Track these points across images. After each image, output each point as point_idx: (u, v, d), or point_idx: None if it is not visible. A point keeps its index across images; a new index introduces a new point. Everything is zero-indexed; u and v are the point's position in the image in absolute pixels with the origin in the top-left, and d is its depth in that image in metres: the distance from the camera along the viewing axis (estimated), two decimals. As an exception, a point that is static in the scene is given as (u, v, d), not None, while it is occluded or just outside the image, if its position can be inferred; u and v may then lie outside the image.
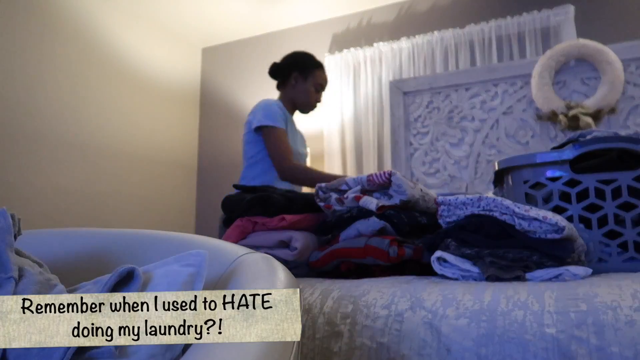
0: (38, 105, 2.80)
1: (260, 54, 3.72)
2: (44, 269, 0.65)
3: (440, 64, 3.04)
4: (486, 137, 2.17)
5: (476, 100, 2.21)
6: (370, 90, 3.26)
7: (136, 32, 3.47)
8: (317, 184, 1.24)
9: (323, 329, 0.78)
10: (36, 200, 2.74)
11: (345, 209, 1.17)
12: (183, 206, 3.73)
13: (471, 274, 0.90)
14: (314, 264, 1.14)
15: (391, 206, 1.12)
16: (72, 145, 2.97)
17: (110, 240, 0.82)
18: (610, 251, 1.07)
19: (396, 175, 1.11)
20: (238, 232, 1.19)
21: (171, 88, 3.72)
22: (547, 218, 0.89)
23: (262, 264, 0.68)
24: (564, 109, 1.99)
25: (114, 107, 3.26)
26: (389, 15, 3.36)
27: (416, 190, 1.14)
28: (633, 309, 0.64)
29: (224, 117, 3.81)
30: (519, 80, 2.14)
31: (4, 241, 0.61)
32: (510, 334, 0.67)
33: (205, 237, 0.81)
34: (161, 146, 3.59)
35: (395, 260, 1.03)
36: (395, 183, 1.11)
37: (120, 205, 3.23)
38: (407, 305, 0.76)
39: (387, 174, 1.12)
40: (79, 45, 3.06)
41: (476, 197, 0.98)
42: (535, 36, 2.83)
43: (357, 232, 1.12)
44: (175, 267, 0.60)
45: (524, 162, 1.17)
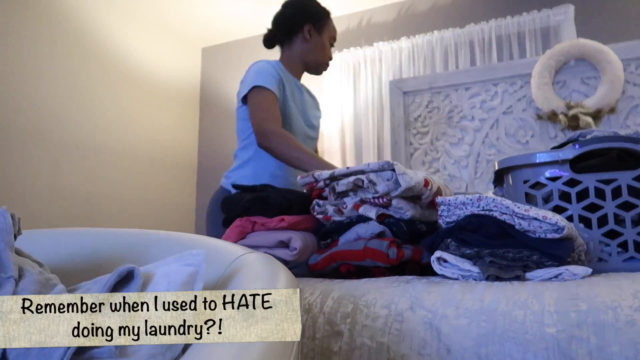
0: (38, 105, 2.80)
1: (260, 54, 3.71)
2: (44, 269, 0.65)
3: (440, 64, 3.04)
4: (486, 136, 2.17)
5: (476, 100, 2.21)
6: (370, 90, 3.26)
7: (136, 32, 3.47)
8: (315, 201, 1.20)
9: (323, 328, 0.78)
10: (36, 200, 2.74)
11: (345, 217, 1.17)
12: (183, 206, 3.73)
13: (471, 273, 0.90)
14: (313, 267, 1.14)
15: (391, 214, 1.12)
16: (72, 145, 2.97)
17: (110, 240, 0.82)
18: (610, 251, 1.07)
19: (397, 199, 1.10)
20: (237, 232, 1.19)
21: (171, 88, 3.72)
22: (546, 218, 0.89)
23: (263, 264, 0.68)
24: (564, 109, 1.99)
25: (114, 106, 3.26)
26: (389, 15, 3.36)
27: (416, 210, 1.13)
28: (633, 309, 0.64)
29: (224, 117, 3.81)
30: (518, 80, 2.14)
31: (4, 241, 0.61)
32: (510, 333, 0.67)
33: (205, 237, 0.81)
34: (161, 146, 3.59)
35: (394, 262, 1.03)
36: (395, 206, 1.10)
37: (120, 205, 3.23)
38: (407, 305, 0.76)
39: (387, 199, 1.10)
40: (78, 45, 3.06)
41: (476, 196, 0.98)
42: (535, 36, 2.83)
43: (356, 236, 1.12)
44: (175, 266, 0.60)
45: (524, 161, 1.17)
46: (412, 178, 1.06)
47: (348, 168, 1.16)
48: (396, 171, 1.07)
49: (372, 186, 1.10)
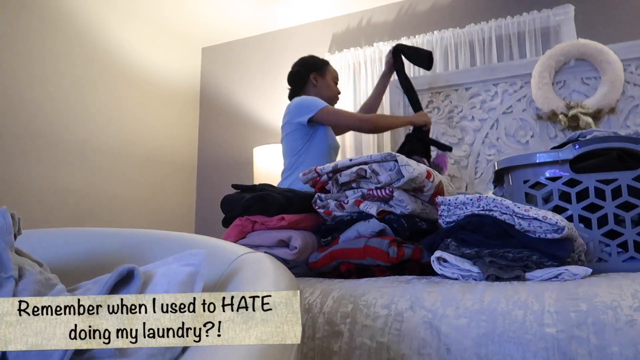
0: (37, 105, 2.80)
1: (260, 54, 3.72)
2: (44, 269, 0.65)
3: (440, 64, 3.04)
4: (486, 136, 2.17)
5: (476, 100, 2.21)
6: (370, 90, 3.25)
7: (136, 32, 3.47)
8: (317, 194, 1.23)
9: (323, 328, 0.78)
10: (36, 200, 2.74)
11: (346, 213, 1.17)
12: (183, 206, 3.73)
13: (471, 273, 0.90)
14: (313, 265, 1.14)
15: (392, 211, 1.12)
16: (72, 145, 2.97)
17: (110, 239, 0.82)
18: (610, 251, 1.07)
19: (399, 191, 1.10)
20: (237, 231, 1.19)
21: (171, 88, 3.71)
22: (546, 218, 0.89)
23: (263, 264, 0.68)
24: (564, 109, 1.99)
25: (114, 106, 3.26)
26: (389, 14, 3.36)
27: (417, 205, 1.13)
28: (633, 309, 0.64)
29: (224, 117, 3.81)
30: (518, 80, 2.14)
31: (4, 240, 0.61)
32: (510, 333, 0.67)
33: (205, 237, 0.81)
34: (161, 146, 3.59)
35: (394, 261, 1.03)
36: (397, 198, 1.10)
37: (120, 205, 3.23)
38: (407, 305, 0.76)
39: (389, 190, 1.10)
40: (78, 45, 3.06)
41: (476, 196, 0.98)
42: (535, 36, 2.83)
43: (357, 234, 1.12)
44: (175, 266, 0.60)
45: (524, 161, 1.17)
46: (414, 169, 1.06)
47: (351, 160, 1.16)
48: (399, 162, 1.07)
49: (375, 176, 1.10)
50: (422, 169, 1.09)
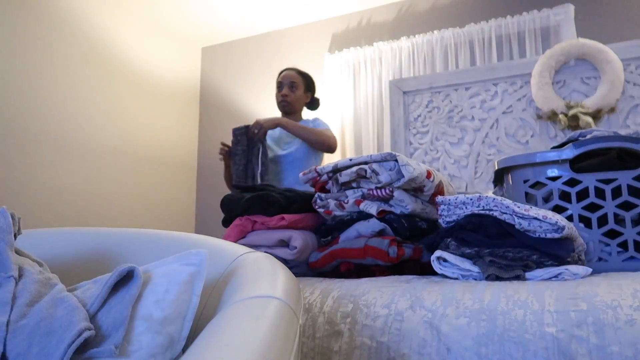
0: (37, 105, 2.80)
1: (260, 54, 3.72)
2: (44, 268, 0.65)
3: (440, 64, 3.04)
4: (486, 136, 2.17)
5: (476, 100, 2.21)
6: (370, 90, 3.25)
7: (136, 32, 3.46)
8: (317, 194, 1.23)
9: (323, 328, 0.78)
10: (36, 200, 2.74)
11: (346, 213, 1.16)
12: (183, 206, 3.73)
13: (471, 273, 0.90)
14: (313, 265, 1.14)
15: (392, 211, 1.12)
16: (72, 145, 2.97)
17: (110, 239, 0.82)
18: (610, 250, 1.07)
19: (399, 190, 1.10)
20: (237, 231, 1.19)
21: (171, 87, 3.71)
22: (546, 217, 0.89)
23: (263, 263, 0.68)
24: (563, 109, 1.99)
25: (114, 106, 3.26)
26: (389, 14, 3.36)
27: (417, 204, 1.13)
28: (633, 308, 0.64)
29: (224, 117, 3.80)
30: (518, 80, 2.14)
31: (4, 240, 0.61)
32: (510, 333, 0.67)
33: (205, 237, 0.81)
34: (161, 146, 3.59)
35: (394, 260, 1.03)
36: (397, 197, 1.10)
37: (120, 205, 3.23)
38: (407, 305, 0.76)
39: (390, 190, 1.10)
40: (78, 45, 3.06)
41: (476, 196, 0.98)
42: (535, 36, 2.83)
43: (357, 233, 1.12)
44: (176, 266, 0.60)
45: (524, 161, 1.17)
46: (414, 169, 1.06)
47: (351, 159, 1.16)
48: (399, 162, 1.07)
49: (375, 176, 1.10)
50: (422, 169, 1.09)
